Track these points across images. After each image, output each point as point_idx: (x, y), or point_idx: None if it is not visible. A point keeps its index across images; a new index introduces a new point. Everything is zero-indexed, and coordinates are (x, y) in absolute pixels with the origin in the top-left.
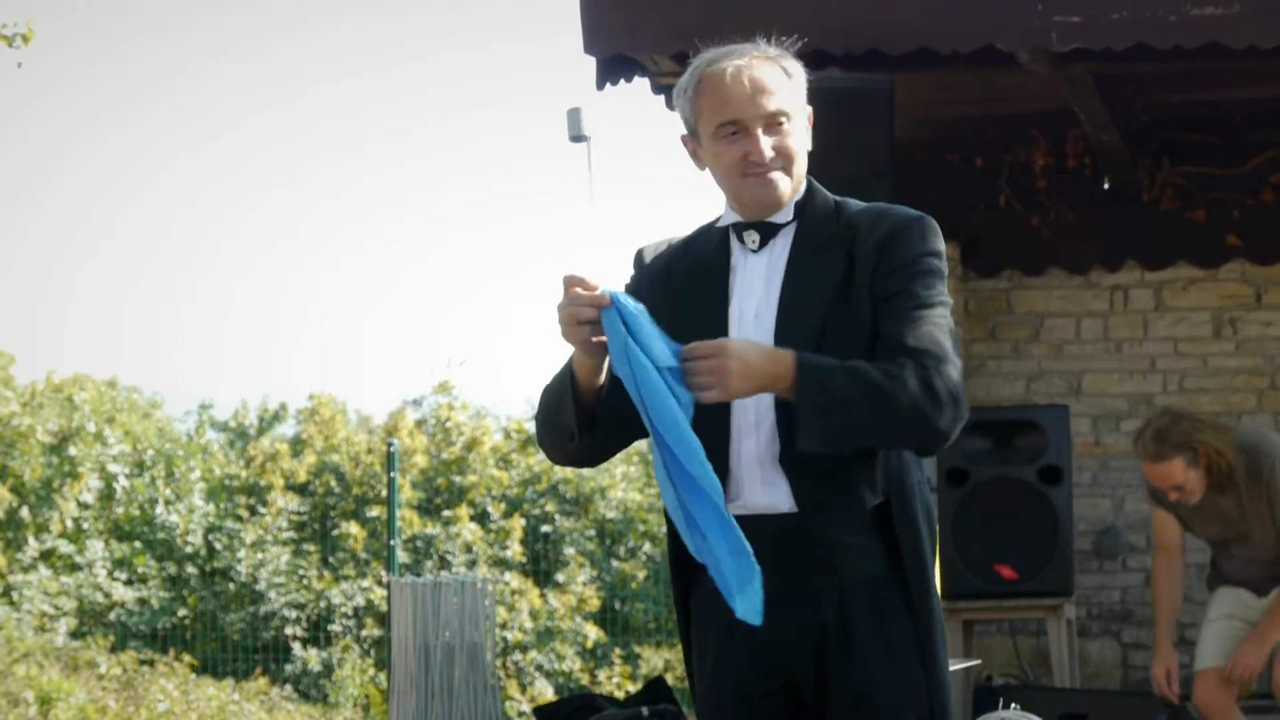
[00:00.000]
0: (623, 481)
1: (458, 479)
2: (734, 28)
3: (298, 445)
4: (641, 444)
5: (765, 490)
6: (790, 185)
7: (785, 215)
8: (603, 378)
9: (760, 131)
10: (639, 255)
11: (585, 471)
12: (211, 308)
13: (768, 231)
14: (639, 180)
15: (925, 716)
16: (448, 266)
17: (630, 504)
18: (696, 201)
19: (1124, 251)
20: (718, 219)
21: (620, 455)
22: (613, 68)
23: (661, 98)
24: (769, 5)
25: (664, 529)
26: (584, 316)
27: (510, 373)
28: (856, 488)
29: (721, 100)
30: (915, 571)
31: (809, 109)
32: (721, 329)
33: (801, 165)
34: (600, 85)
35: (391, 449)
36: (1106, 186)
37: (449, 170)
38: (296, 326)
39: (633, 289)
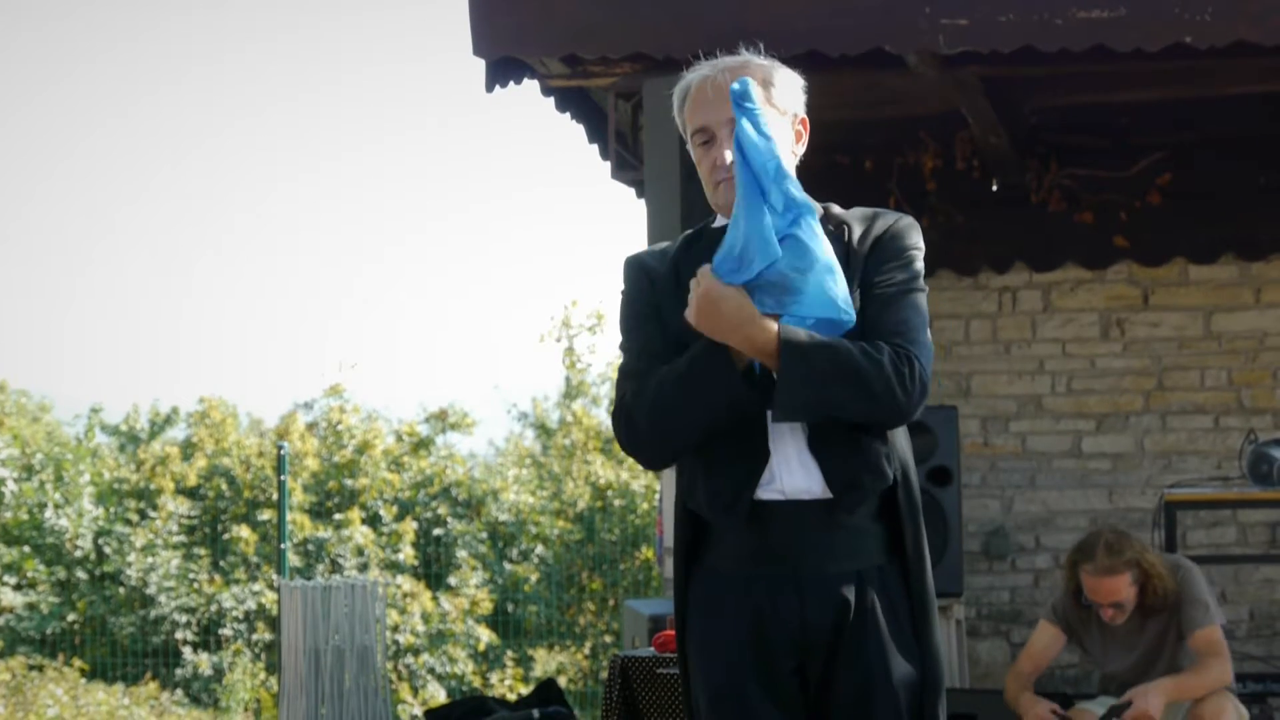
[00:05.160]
0: (515, 484)
1: (349, 482)
2: (622, 31)
3: (188, 449)
4: (530, 444)
5: (802, 475)
6: None
7: None
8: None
9: (726, 137)
10: (636, 263)
11: (477, 474)
12: (102, 311)
13: None
14: (535, 183)
15: (920, 698)
16: (339, 269)
17: (522, 507)
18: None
19: (1012, 253)
20: (709, 222)
21: (512, 459)
22: (502, 70)
23: (551, 99)
24: (658, 8)
25: (555, 532)
26: None
27: (402, 376)
28: (877, 469)
29: (693, 109)
30: (917, 555)
31: (798, 116)
32: None
33: None
34: (490, 87)
35: (282, 452)
36: (995, 189)
37: (340, 174)
38: (188, 330)
39: (634, 294)
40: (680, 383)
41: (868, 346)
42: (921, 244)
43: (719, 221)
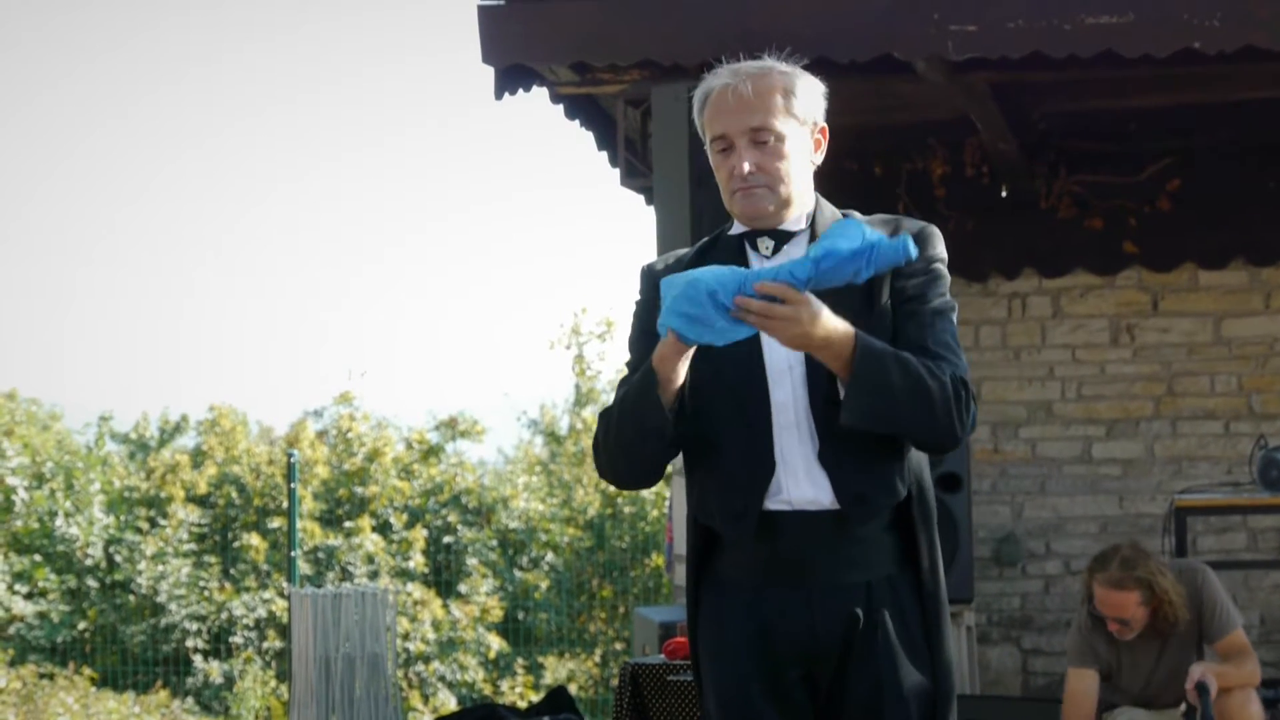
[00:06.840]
0: (525, 492)
1: (359, 490)
2: (630, 38)
3: (198, 457)
4: (540, 451)
5: (809, 486)
6: (777, 200)
7: (797, 224)
8: (683, 375)
9: (744, 147)
10: (648, 273)
11: (487, 481)
12: (112, 319)
13: (780, 239)
14: (544, 190)
15: (931, 709)
16: (348, 277)
17: (533, 514)
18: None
19: (1022, 259)
20: (726, 228)
21: (522, 466)
22: (511, 77)
23: (560, 107)
24: (666, 16)
25: (565, 539)
26: None
27: (411, 383)
28: (889, 484)
29: (713, 116)
30: (931, 566)
31: (818, 124)
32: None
33: (796, 181)
34: (499, 95)
35: (292, 460)
36: (1004, 195)
37: (350, 181)
38: (197, 337)
39: (642, 306)
40: (619, 423)
41: (932, 367)
42: (945, 254)
43: (734, 228)
